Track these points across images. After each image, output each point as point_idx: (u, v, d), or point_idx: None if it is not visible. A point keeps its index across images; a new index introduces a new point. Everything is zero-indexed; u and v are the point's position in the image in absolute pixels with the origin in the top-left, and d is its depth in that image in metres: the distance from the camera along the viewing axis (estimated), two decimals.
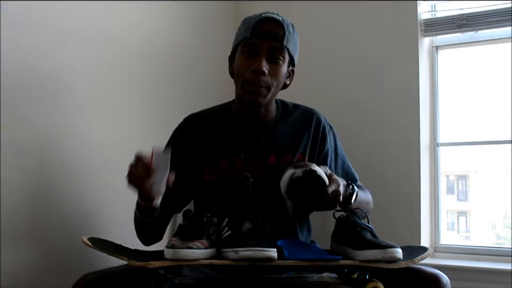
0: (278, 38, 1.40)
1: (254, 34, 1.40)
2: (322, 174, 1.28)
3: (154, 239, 1.47)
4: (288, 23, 1.43)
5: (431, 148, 2.28)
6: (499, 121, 2.21)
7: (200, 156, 1.46)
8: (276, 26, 1.40)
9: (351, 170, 1.60)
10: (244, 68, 1.40)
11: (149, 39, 2.04)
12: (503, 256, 2.12)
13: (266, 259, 1.15)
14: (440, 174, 2.29)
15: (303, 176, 1.27)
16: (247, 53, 1.40)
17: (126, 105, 1.93)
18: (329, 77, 2.37)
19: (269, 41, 1.39)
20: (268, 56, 1.39)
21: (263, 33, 1.40)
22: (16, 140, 1.55)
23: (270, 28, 1.40)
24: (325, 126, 1.55)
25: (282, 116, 1.53)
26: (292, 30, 1.43)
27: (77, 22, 1.74)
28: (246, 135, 1.48)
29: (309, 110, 1.57)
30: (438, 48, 2.31)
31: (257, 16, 1.42)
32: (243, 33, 1.43)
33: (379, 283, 1.22)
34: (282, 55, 1.41)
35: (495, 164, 2.30)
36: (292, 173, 1.29)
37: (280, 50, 1.41)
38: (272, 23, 1.40)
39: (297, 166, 1.30)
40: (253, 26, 1.40)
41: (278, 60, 1.41)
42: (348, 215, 1.34)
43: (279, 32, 1.40)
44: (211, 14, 2.38)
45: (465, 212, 2.52)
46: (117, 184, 1.85)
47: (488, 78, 2.27)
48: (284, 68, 1.43)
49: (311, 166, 1.29)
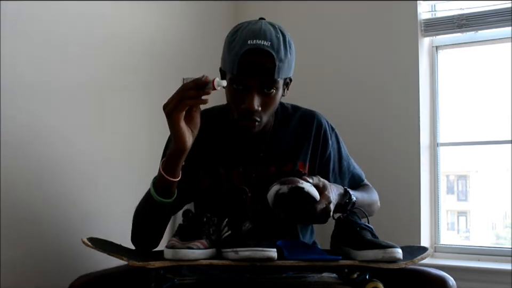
0: (267, 73, 1.27)
1: (240, 70, 1.26)
2: (311, 190, 1.23)
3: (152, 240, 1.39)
4: (279, 46, 1.27)
5: (431, 148, 2.28)
6: (499, 121, 2.21)
7: (198, 158, 1.42)
8: (265, 59, 1.26)
9: (357, 171, 1.56)
10: (235, 102, 1.32)
11: (149, 39, 2.04)
12: (503, 256, 2.12)
13: (266, 259, 1.15)
14: (440, 174, 2.29)
15: (288, 193, 1.22)
16: (237, 87, 1.30)
17: (128, 106, 1.93)
18: (328, 77, 2.37)
19: (259, 78, 1.28)
20: (259, 90, 1.29)
21: (250, 69, 1.26)
22: (16, 140, 1.55)
23: (258, 63, 1.26)
24: (326, 129, 1.49)
25: (281, 121, 1.47)
26: (283, 53, 1.28)
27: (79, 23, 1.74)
28: (244, 144, 1.43)
29: (309, 113, 1.51)
30: (438, 48, 2.31)
31: (242, 42, 1.26)
32: (229, 66, 1.29)
33: (379, 283, 1.22)
34: (275, 85, 1.30)
35: (495, 164, 2.30)
36: (278, 189, 1.23)
37: (272, 83, 1.29)
38: (259, 55, 1.26)
39: (283, 182, 1.23)
40: (239, 61, 1.26)
41: (271, 91, 1.30)
42: (348, 215, 1.34)
43: (268, 65, 1.26)
44: (211, 14, 2.38)
45: (465, 211, 2.52)
46: (117, 184, 1.86)
47: (488, 78, 2.27)
48: (278, 94, 1.34)
49: (298, 182, 1.22)
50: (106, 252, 1.19)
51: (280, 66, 1.27)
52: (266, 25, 1.31)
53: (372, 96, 2.27)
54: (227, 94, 1.35)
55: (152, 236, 1.37)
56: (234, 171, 1.42)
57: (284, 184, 1.22)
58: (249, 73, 1.27)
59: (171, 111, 1.18)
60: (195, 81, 1.16)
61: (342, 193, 1.35)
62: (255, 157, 1.42)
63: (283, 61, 1.28)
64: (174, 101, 1.18)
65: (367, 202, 1.48)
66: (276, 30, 1.30)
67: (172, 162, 1.25)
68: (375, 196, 1.56)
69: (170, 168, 1.25)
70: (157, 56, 2.07)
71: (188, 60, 2.22)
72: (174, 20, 2.19)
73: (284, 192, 1.22)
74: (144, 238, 1.37)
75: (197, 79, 1.16)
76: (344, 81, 2.34)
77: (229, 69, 1.30)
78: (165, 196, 1.27)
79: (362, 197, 1.44)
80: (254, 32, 1.27)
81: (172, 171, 1.25)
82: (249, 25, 1.31)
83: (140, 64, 1.99)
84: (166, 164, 1.25)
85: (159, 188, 1.27)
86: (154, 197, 1.27)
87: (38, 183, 1.61)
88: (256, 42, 1.25)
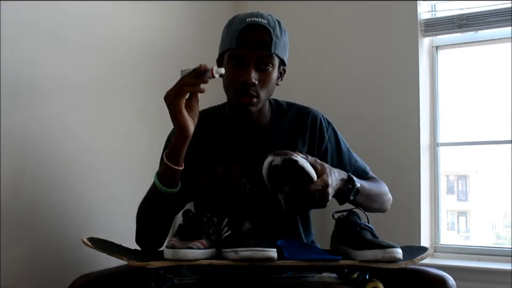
0: (265, 46, 1.34)
1: (239, 44, 1.34)
2: (305, 165, 1.20)
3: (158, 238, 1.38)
4: (275, 25, 1.36)
5: (431, 148, 2.28)
6: (499, 121, 2.21)
7: (196, 157, 1.43)
8: (262, 33, 1.34)
9: (360, 164, 1.54)
10: (232, 78, 1.36)
11: (149, 39, 2.04)
12: (503, 256, 2.12)
13: (266, 259, 1.15)
14: (440, 174, 2.29)
15: (282, 165, 1.19)
16: (235, 63, 1.36)
17: (128, 105, 1.93)
18: (328, 76, 2.37)
19: (256, 51, 1.34)
20: (256, 65, 1.34)
21: (248, 43, 1.34)
22: (16, 140, 1.55)
23: (255, 36, 1.34)
24: (322, 122, 1.50)
25: (277, 117, 1.49)
26: (279, 32, 1.37)
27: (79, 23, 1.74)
28: (241, 140, 1.45)
29: (303, 109, 1.52)
30: (438, 48, 2.31)
31: (241, 21, 1.35)
32: (228, 42, 1.37)
33: (379, 283, 1.22)
34: (271, 62, 1.36)
35: (495, 163, 2.30)
36: (271, 160, 1.21)
37: (269, 57, 1.35)
38: (257, 30, 1.34)
39: (277, 153, 1.22)
40: (238, 36, 1.34)
41: (267, 67, 1.36)
42: (347, 215, 1.33)
43: (265, 39, 1.34)
44: (211, 14, 2.38)
45: (465, 212, 2.52)
46: (117, 184, 1.86)
47: (488, 78, 2.27)
48: (274, 74, 1.38)
49: (292, 155, 1.20)
50: (106, 252, 1.20)
51: (276, 42, 1.35)
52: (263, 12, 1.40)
53: (371, 96, 2.27)
54: (225, 75, 1.37)
55: (158, 233, 1.38)
56: (232, 167, 1.43)
57: (278, 155, 1.21)
58: (247, 46, 1.34)
59: (172, 99, 1.24)
60: (196, 71, 1.23)
61: (344, 179, 1.33)
62: (253, 152, 1.43)
63: (279, 38, 1.36)
64: (174, 89, 1.24)
65: (374, 192, 1.46)
66: (272, 16, 1.39)
67: (176, 151, 1.28)
68: (384, 187, 1.54)
69: (174, 156, 1.28)
70: (157, 56, 2.07)
71: (187, 60, 2.21)
72: (174, 20, 2.19)
73: (277, 164, 1.20)
74: (149, 236, 1.37)
75: (196, 68, 1.23)
76: (344, 81, 2.34)
77: (228, 45, 1.36)
78: (170, 186, 1.29)
79: (369, 186, 1.42)
80: (252, 13, 1.38)
81: (175, 159, 1.28)
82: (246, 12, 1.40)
83: (140, 64, 1.99)
84: (169, 153, 1.29)
85: (163, 178, 1.30)
86: (159, 187, 1.29)
87: (38, 183, 1.61)
88: (254, 19, 1.35)
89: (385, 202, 1.52)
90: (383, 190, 1.52)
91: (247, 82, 1.33)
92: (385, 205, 1.53)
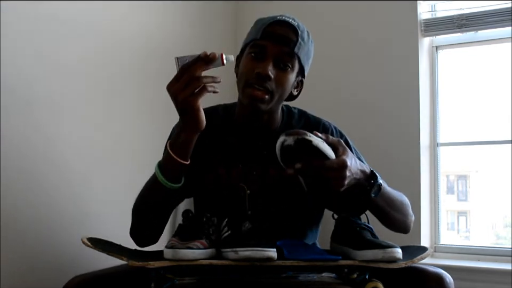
0: (289, 44, 1.30)
1: (264, 36, 1.31)
2: (320, 145, 1.12)
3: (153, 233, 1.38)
4: (304, 30, 1.34)
5: (431, 148, 2.28)
6: (499, 121, 2.21)
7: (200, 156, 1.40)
8: (289, 31, 1.31)
9: None
10: (248, 69, 1.31)
11: (149, 39, 2.04)
12: (503, 256, 2.12)
13: (266, 259, 1.15)
14: (440, 174, 2.29)
15: (295, 145, 1.12)
16: (254, 54, 1.31)
17: (128, 105, 1.93)
18: (328, 76, 2.37)
19: (279, 45, 1.30)
20: (275, 61, 1.30)
21: (273, 36, 1.30)
22: (15, 140, 1.55)
23: (282, 32, 1.31)
24: (333, 133, 1.46)
25: (287, 125, 1.44)
26: (306, 37, 1.34)
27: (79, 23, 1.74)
28: (248, 144, 1.41)
29: (314, 119, 1.48)
30: (438, 48, 2.31)
31: (271, 17, 1.34)
32: (253, 34, 1.34)
33: (379, 283, 1.21)
34: (291, 62, 1.32)
35: (495, 163, 2.30)
36: (283, 140, 1.14)
37: (290, 57, 1.31)
38: (285, 27, 1.31)
39: (289, 133, 1.14)
40: (265, 28, 1.31)
41: (286, 67, 1.31)
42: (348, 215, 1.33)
43: (291, 37, 1.31)
44: (211, 14, 2.38)
45: (465, 212, 2.52)
46: (117, 184, 1.86)
47: (488, 78, 2.27)
48: (291, 76, 1.33)
49: (306, 134, 1.12)
50: (106, 252, 1.20)
51: (301, 44, 1.32)
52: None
53: (371, 96, 2.27)
54: (241, 66, 1.35)
55: (154, 227, 1.36)
56: (234, 171, 1.41)
57: (290, 135, 1.13)
58: (272, 38, 1.31)
59: (189, 97, 1.16)
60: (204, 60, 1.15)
61: (367, 172, 1.25)
62: (258, 156, 1.42)
63: (305, 41, 1.33)
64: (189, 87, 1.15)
65: (397, 199, 1.36)
66: (303, 25, 1.37)
67: (185, 144, 1.23)
68: (406, 200, 1.43)
69: (183, 151, 1.23)
70: (155, 56, 2.06)
71: None
72: (174, 20, 2.19)
73: (290, 144, 1.13)
74: (145, 230, 1.36)
75: (205, 57, 1.15)
76: (343, 81, 2.34)
77: (253, 37, 1.34)
78: (173, 180, 1.25)
79: (392, 191, 1.35)
80: (283, 14, 1.36)
81: (184, 154, 1.24)
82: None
83: (140, 63, 1.99)
84: (178, 146, 1.23)
85: (167, 173, 1.25)
86: (162, 181, 1.24)
87: (37, 184, 1.61)
88: (285, 18, 1.33)
89: (409, 216, 1.42)
90: (406, 201, 1.42)
91: (263, 73, 1.28)
92: (409, 220, 1.43)
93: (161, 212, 1.35)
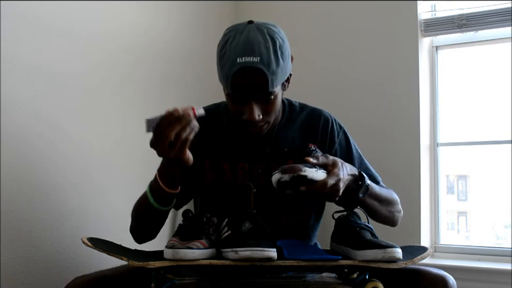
0: (262, 88, 1.26)
1: (234, 89, 1.27)
2: (315, 176, 1.20)
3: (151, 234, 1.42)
4: (270, 58, 1.24)
5: (431, 148, 2.28)
6: (499, 121, 2.21)
7: (202, 154, 1.40)
8: (256, 76, 1.24)
9: (371, 172, 1.49)
10: (236, 114, 1.33)
11: (149, 39, 2.04)
12: (503, 256, 2.12)
13: (266, 259, 1.15)
14: (440, 174, 2.29)
15: (291, 182, 1.20)
16: (235, 102, 1.31)
17: (127, 105, 1.93)
18: (328, 77, 2.37)
19: (253, 93, 1.27)
20: (257, 101, 1.29)
21: (244, 88, 1.26)
22: (15, 140, 1.55)
23: (250, 81, 1.25)
24: (334, 126, 1.48)
25: (288, 118, 1.46)
26: (275, 65, 1.25)
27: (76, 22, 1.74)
28: (250, 140, 1.42)
29: (316, 111, 1.50)
30: (438, 48, 2.31)
31: (231, 61, 1.25)
32: (223, 82, 1.30)
33: (379, 283, 1.22)
34: (272, 94, 1.29)
35: (495, 164, 2.30)
36: (279, 177, 1.21)
37: (268, 94, 1.28)
38: (250, 74, 1.24)
39: (284, 170, 1.21)
40: (232, 81, 1.26)
41: (269, 100, 1.30)
42: (347, 215, 1.33)
43: (261, 81, 1.25)
44: (211, 14, 2.38)
45: (465, 212, 2.52)
46: (117, 184, 1.86)
47: (488, 78, 2.27)
48: (278, 99, 1.33)
49: (300, 170, 1.20)
50: (106, 252, 1.20)
51: (273, 79, 1.26)
52: (254, 33, 1.27)
53: (371, 96, 2.27)
54: (228, 104, 1.36)
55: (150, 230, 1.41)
56: (240, 165, 1.42)
57: (286, 173, 1.21)
58: (243, 93, 1.28)
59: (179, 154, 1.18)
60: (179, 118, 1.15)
61: (356, 175, 1.31)
62: (261, 153, 1.42)
63: (275, 72, 1.26)
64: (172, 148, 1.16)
65: (385, 197, 1.42)
66: (265, 37, 1.26)
67: (174, 177, 1.26)
68: (395, 197, 1.49)
69: (172, 181, 1.26)
70: (156, 55, 2.07)
71: (187, 60, 2.22)
72: (174, 20, 2.19)
73: (286, 181, 1.20)
74: (141, 232, 1.41)
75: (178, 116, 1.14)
76: (344, 81, 2.34)
77: (224, 86, 1.31)
78: (163, 204, 1.29)
79: (379, 190, 1.40)
80: (242, 47, 1.25)
81: (173, 184, 1.26)
82: (237, 35, 1.27)
83: (139, 63, 1.99)
84: (166, 176, 1.25)
85: (158, 199, 1.28)
86: (153, 204, 1.28)
87: (38, 184, 1.61)
88: (246, 60, 1.23)
89: (396, 212, 1.48)
90: (394, 198, 1.48)
91: (251, 121, 1.30)
92: (396, 216, 1.49)
93: (154, 222, 1.39)
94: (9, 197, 1.52)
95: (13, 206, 1.53)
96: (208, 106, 1.51)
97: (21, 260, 1.55)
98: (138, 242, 1.42)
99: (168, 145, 1.16)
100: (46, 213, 1.63)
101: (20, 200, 1.56)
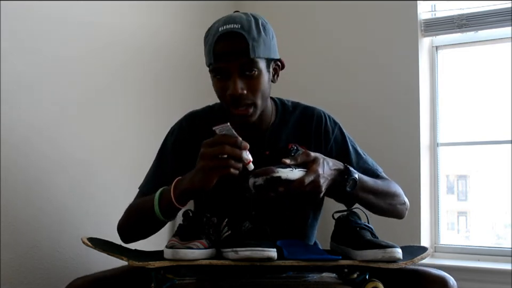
0: (243, 54, 1.27)
1: (216, 58, 1.28)
2: (290, 176, 1.19)
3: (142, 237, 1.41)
4: (250, 26, 1.28)
5: (431, 148, 2.28)
6: (499, 121, 2.21)
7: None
8: (237, 40, 1.26)
9: (369, 166, 1.49)
10: (220, 92, 1.32)
11: (148, 39, 2.04)
12: (503, 256, 2.12)
13: (266, 259, 1.15)
14: (440, 174, 2.29)
15: (266, 184, 1.19)
16: (219, 76, 1.31)
17: (127, 105, 1.93)
18: (328, 77, 2.37)
19: (235, 61, 1.27)
20: (240, 73, 1.28)
21: (225, 55, 1.27)
22: (15, 140, 1.55)
23: (231, 46, 1.27)
24: (327, 122, 1.47)
25: (281, 118, 1.45)
26: (256, 33, 1.28)
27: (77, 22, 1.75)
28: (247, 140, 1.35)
29: (309, 109, 1.49)
30: (438, 48, 2.31)
31: (214, 31, 1.29)
32: (207, 57, 1.32)
33: (379, 283, 1.21)
34: (255, 66, 1.29)
35: (495, 164, 2.30)
36: (253, 181, 1.20)
37: (250, 63, 1.28)
38: (231, 38, 1.27)
39: (257, 173, 1.20)
40: (213, 49, 1.27)
41: (252, 73, 1.29)
42: (347, 215, 1.33)
43: (242, 45, 1.26)
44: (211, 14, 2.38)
45: (465, 212, 2.52)
46: (117, 184, 1.86)
47: (488, 78, 2.27)
48: (262, 77, 1.32)
49: (273, 172, 1.19)
50: (106, 252, 1.20)
51: (254, 45, 1.27)
52: (238, 13, 1.34)
53: (371, 96, 2.27)
54: (214, 90, 1.35)
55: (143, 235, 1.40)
56: None
57: (258, 176, 1.20)
58: (225, 58, 1.28)
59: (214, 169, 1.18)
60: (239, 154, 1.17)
61: (341, 169, 1.29)
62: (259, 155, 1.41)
63: (256, 39, 1.28)
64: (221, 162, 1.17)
65: (380, 189, 1.40)
66: (247, 15, 1.33)
67: (187, 194, 1.25)
68: (395, 187, 1.47)
69: (184, 198, 1.25)
70: (155, 56, 2.07)
71: (186, 60, 2.22)
72: (174, 20, 2.19)
73: (261, 184, 1.19)
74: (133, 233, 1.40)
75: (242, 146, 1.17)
76: (344, 81, 2.34)
77: (208, 61, 1.31)
78: (167, 216, 1.28)
79: (373, 182, 1.38)
80: (224, 20, 1.31)
81: (183, 201, 1.25)
82: (222, 17, 1.34)
83: (139, 63, 1.99)
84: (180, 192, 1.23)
85: (164, 213, 1.27)
86: (157, 214, 1.26)
87: (38, 184, 1.61)
88: (227, 27, 1.28)
89: (397, 204, 1.45)
90: (393, 190, 1.46)
91: (235, 94, 1.28)
92: (398, 209, 1.47)
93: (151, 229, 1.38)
94: (9, 197, 1.52)
95: (13, 206, 1.53)
96: (201, 108, 1.51)
97: (21, 260, 1.55)
98: (125, 241, 1.40)
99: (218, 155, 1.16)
100: (46, 213, 1.63)
101: (20, 200, 1.56)
